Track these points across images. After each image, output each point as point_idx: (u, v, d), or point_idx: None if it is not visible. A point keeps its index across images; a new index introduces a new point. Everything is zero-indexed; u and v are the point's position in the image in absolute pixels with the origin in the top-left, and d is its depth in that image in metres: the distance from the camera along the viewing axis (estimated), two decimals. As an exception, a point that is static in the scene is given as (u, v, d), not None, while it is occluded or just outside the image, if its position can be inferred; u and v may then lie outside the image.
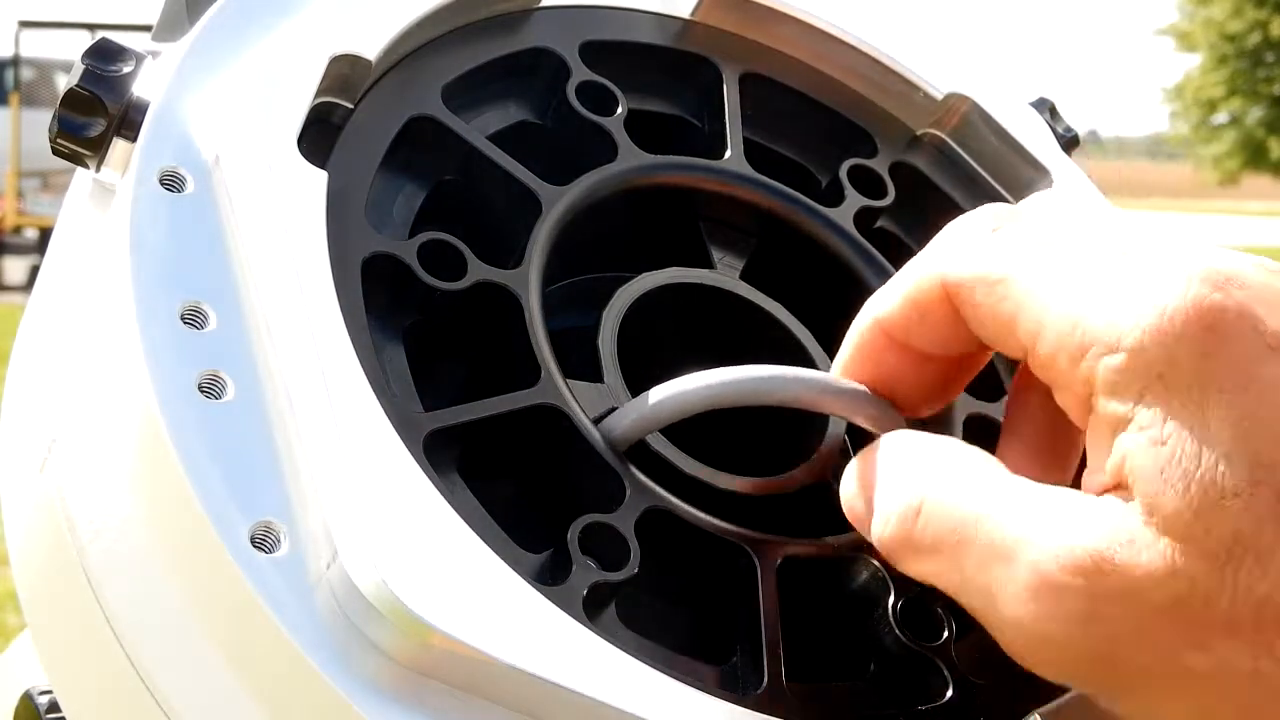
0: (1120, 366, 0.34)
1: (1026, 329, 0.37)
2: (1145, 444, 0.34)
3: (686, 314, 0.50)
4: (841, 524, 0.46)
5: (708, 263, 0.51)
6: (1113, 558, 0.34)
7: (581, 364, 0.46)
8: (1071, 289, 0.36)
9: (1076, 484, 0.38)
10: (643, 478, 0.43)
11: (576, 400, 0.44)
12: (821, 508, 0.46)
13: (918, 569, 0.39)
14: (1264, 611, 0.33)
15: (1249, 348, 0.34)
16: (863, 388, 0.44)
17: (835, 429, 0.48)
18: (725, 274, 0.51)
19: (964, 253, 0.40)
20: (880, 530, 0.39)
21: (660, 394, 0.44)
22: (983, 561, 0.36)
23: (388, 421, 0.39)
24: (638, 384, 0.46)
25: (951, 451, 0.39)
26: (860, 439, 0.45)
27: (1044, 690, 0.45)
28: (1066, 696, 0.44)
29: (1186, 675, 0.34)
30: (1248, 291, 0.34)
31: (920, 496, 0.38)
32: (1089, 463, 0.37)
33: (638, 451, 0.44)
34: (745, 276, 0.51)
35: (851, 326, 0.44)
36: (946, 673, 0.44)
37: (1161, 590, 0.33)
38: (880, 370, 0.43)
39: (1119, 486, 0.35)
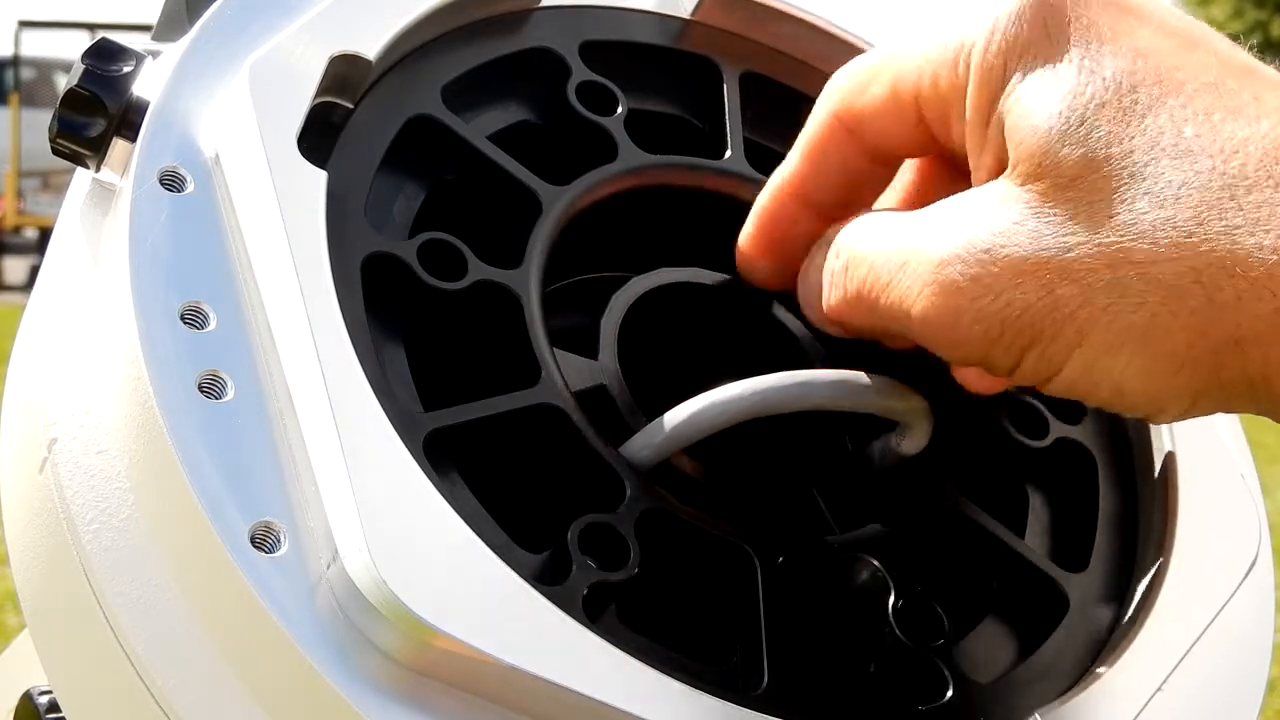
0: (995, 49, 0.41)
1: (905, 81, 0.43)
2: (1019, 101, 0.40)
3: (691, 314, 0.50)
4: (840, 526, 0.46)
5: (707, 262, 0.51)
6: (993, 240, 0.39)
7: (581, 344, 0.46)
8: (935, 34, 0.43)
9: None
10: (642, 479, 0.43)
11: (567, 383, 0.44)
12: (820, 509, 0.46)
13: (867, 322, 0.43)
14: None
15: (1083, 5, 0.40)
16: (884, 379, 0.44)
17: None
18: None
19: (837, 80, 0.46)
20: (828, 299, 0.44)
21: (687, 410, 0.44)
22: (894, 279, 0.41)
23: (388, 421, 0.39)
24: (633, 372, 0.46)
25: (857, 220, 0.45)
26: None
27: (1044, 690, 0.45)
28: (1066, 696, 0.44)
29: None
30: None
31: (843, 261, 0.44)
32: (972, 168, 0.42)
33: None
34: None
35: (763, 204, 0.48)
36: (946, 673, 0.44)
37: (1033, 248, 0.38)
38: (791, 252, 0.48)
39: (998, 168, 0.40)
